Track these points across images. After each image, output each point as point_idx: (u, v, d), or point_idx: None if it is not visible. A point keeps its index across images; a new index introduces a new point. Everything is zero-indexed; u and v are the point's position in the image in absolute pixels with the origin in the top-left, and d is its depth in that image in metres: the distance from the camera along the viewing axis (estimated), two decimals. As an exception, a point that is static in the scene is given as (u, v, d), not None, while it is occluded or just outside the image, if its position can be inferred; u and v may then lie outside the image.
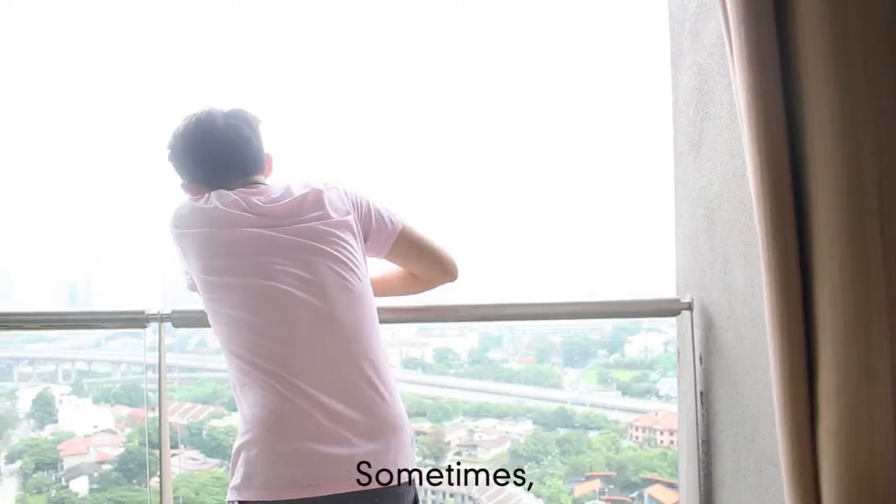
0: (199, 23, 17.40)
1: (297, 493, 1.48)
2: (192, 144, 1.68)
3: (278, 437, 1.51)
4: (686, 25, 2.21)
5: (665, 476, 8.52)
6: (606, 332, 10.21)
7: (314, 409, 1.52)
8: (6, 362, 9.37)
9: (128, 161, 15.08)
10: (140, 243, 12.60)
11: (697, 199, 2.17)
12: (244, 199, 1.62)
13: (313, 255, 1.60)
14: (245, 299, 1.58)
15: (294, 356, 1.55)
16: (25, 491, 8.13)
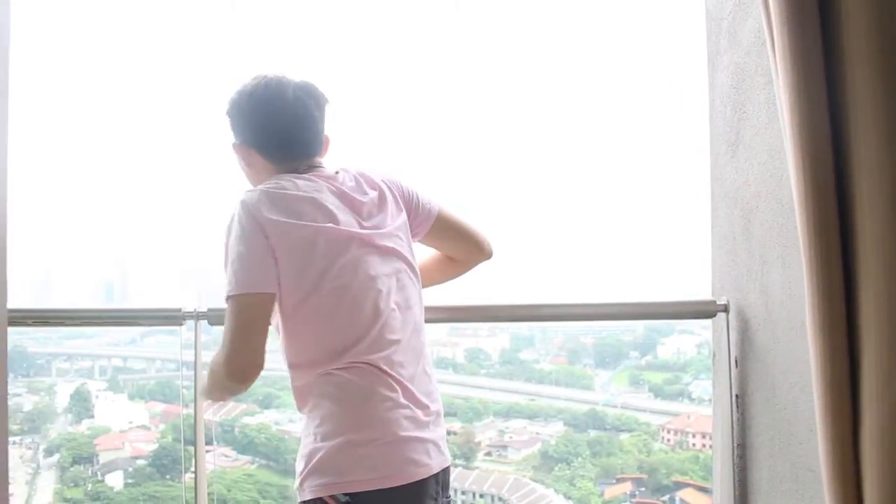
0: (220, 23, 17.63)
1: (402, 479, 1.53)
2: (258, 107, 1.66)
3: (382, 428, 1.55)
4: (723, 24, 2.18)
5: (697, 480, 8.43)
6: (639, 334, 10.13)
7: (409, 400, 1.59)
8: (45, 358, 9.54)
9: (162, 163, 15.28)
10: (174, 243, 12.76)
11: (734, 199, 2.15)
12: (337, 192, 1.63)
13: (392, 254, 1.65)
14: (345, 298, 1.58)
15: (391, 350, 1.59)
16: (63, 484, 8.27)
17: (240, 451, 8.38)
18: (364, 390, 1.55)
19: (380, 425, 1.54)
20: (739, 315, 2.12)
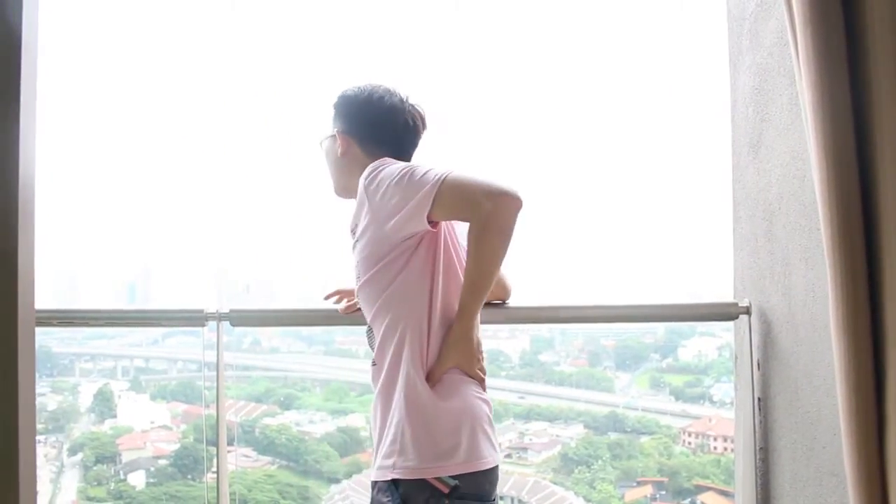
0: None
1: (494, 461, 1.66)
2: (377, 105, 1.79)
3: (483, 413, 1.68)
4: (745, 25, 2.17)
5: (718, 483, 8.36)
6: (659, 336, 10.06)
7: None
8: (69, 358, 9.64)
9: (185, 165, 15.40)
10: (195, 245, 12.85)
11: (756, 201, 2.14)
12: None
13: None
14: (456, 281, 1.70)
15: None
16: (86, 483, 8.35)
17: (260, 451, 8.42)
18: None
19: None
20: (762, 317, 2.11)
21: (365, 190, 1.63)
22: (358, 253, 1.68)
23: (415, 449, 1.58)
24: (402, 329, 1.63)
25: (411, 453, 1.58)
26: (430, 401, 1.61)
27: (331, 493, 7.83)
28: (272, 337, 9.05)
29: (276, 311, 2.31)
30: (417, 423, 1.60)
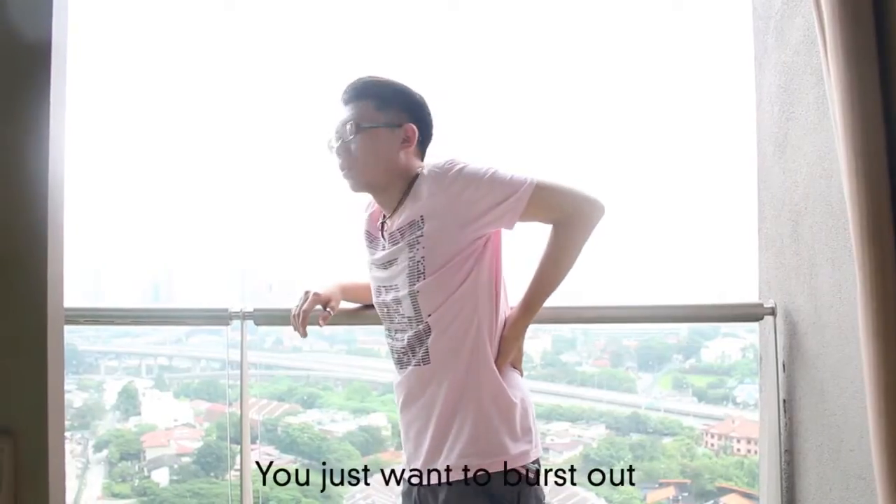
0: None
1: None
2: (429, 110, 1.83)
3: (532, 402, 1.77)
4: (771, 23, 2.15)
5: (742, 486, 8.29)
6: (682, 337, 9.99)
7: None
8: (94, 356, 9.75)
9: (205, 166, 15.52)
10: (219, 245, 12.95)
11: (782, 201, 2.12)
12: None
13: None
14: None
15: None
16: (111, 479, 8.45)
17: (282, 450, 8.46)
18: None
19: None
20: (787, 318, 2.09)
21: (446, 186, 1.64)
22: (419, 250, 1.66)
23: (500, 441, 1.64)
24: (475, 328, 1.67)
25: (498, 446, 1.64)
26: (507, 393, 1.68)
27: (352, 493, 7.85)
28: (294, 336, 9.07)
29: (300, 311, 2.32)
30: (501, 416, 1.66)
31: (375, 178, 1.74)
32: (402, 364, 1.76)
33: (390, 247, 1.72)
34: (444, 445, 1.68)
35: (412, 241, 1.66)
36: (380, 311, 1.82)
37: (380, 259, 1.76)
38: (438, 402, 1.68)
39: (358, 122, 1.72)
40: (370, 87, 1.75)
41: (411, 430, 1.75)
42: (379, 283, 1.79)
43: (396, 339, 1.76)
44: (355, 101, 1.75)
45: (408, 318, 1.71)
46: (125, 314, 2.31)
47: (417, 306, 1.68)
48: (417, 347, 1.70)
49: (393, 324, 1.77)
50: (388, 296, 1.75)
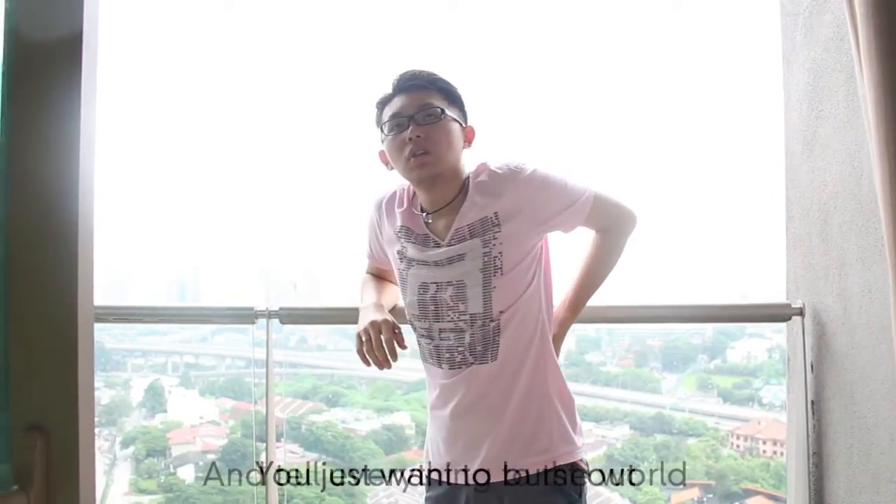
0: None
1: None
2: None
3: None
4: (799, 20, 2.13)
5: (767, 488, 8.20)
6: (707, 337, 9.90)
7: None
8: (121, 354, 9.86)
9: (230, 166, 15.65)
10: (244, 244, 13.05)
11: (810, 200, 2.09)
12: None
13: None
14: None
15: None
16: (138, 475, 8.54)
17: (306, 448, 8.50)
18: None
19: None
20: (815, 319, 2.07)
21: (523, 186, 1.67)
22: (496, 246, 1.66)
23: (569, 435, 1.72)
24: (541, 326, 1.71)
25: (569, 439, 1.72)
26: (568, 389, 1.76)
27: (376, 491, 7.87)
28: (319, 335, 9.13)
29: (325, 310, 2.33)
30: (566, 411, 1.73)
31: (448, 168, 1.71)
32: (455, 364, 1.71)
33: (455, 243, 1.70)
34: (515, 443, 1.68)
35: (487, 237, 1.66)
36: (419, 309, 1.75)
37: (437, 256, 1.71)
38: (508, 400, 1.68)
39: (443, 109, 1.71)
40: (439, 82, 1.74)
41: (469, 430, 1.71)
42: (427, 280, 1.73)
43: (444, 337, 1.71)
44: (426, 91, 1.72)
45: (470, 316, 1.68)
46: (154, 312, 2.34)
47: (489, 303, 1.67)
48: (482, 345, 1.68)
49: (440, 322, 1.71)
50: (443, 293, 1.70)
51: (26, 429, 0.90)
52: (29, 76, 0.94)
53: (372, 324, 1.71)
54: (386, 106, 1.75)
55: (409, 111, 1.69)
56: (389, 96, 1.75)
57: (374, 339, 1.69)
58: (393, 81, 1.75)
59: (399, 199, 1.82)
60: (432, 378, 1.77)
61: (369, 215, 1.89)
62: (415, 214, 1.78)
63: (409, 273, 1.76)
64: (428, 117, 1.68)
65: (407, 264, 1.76)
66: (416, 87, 1.72)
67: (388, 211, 1.83)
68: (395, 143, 1.70)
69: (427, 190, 1.72)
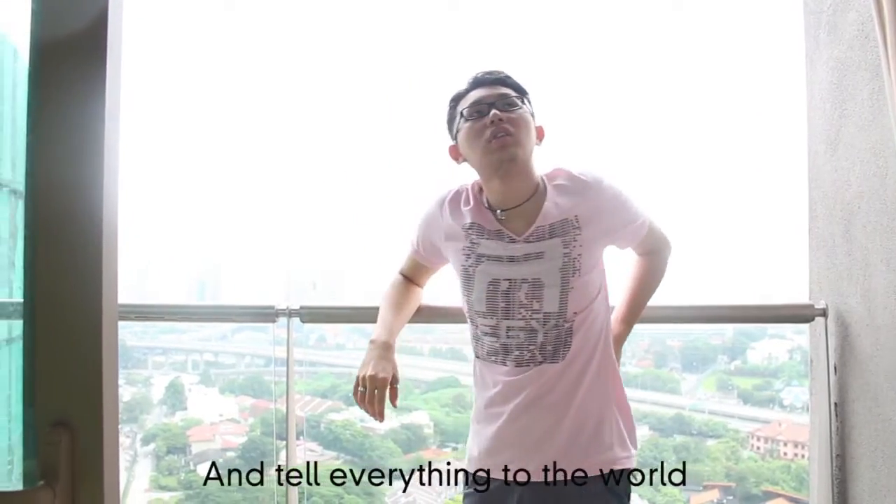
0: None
1: None
2: None
3: None
4: (822, 17, 2.11)
5: (788, 490, 8.13)
6: (728, 338, 9.83)
7: None
8: (142, 351, 9.95)
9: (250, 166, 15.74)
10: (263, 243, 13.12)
11: (834, 200, 2.07)
12: None
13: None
14: None
15: None
16: (158, 472, 8.62)
17: (325, 446, 8.54)
18: None
19: None
20: (839, 320, 2.05)
21: (600, 194, 1.73)
22: (576, 247, 1.69)
23: (626, 441, 1.74)
24: (606, 332, 1.76)
25: (626, 446, 1.74)
26: (626, 396, 1.80)
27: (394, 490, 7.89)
28: (338, 333, 9.17)
29: (345, 308, 2.34)
30: (623, 417, 1.76)
31: (525, 156, 1.72)
32: (523, 362, 1.70)
33: (533, 240, 1.70)
34: (575, 445, 1.69)
35: (568, 238, 1.69)
36: (486, 306, 1.73)
37: (513, 251, 1.71)
38: (571, 401, 1.69)
39: (522, 99, 1.75)
40: (513, 79, 1.77)
41: (530, 429, 1.71)
42: (498, 277, 1.71)
43: (513, 336, 1.71)
44: (504, 85, 1.75)
45: (544, 315, 1.68)
46: (176, 310, 2.36)
47: (565, 303, 1.68)
48: (554, 346, 1.69)
49: (510, 320, 1.70)
50: (517, 291, 1.69)
51: (52, 425, 0.91)
52: (54, 77, 0.95)
53: (371, 379, 1.73)
54: (461, 100, 1.77)
55: (489, 99, 1.71)
56: (465, 91, 1.77)
57: (369, 395, 1.72)
58: (468, 78, 1.78)
59: (465, 198, 1.81)
60: (491, 375, 1.76)
61: (428, 212, 1.87)
62: (484, 210, 1.77)
63: (478, 269, 1.74)
64: (508, 105, 1.70)
65: (475, 260, 1.74)
66: (494, 81, 1.75)
67: (453, 208, 1.82)
68: (474, 127, 1.71)
69: (503, 177, 1.71)
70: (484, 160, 1.70)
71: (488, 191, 1.76)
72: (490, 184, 1.74)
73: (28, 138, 0.96)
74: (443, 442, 8.55)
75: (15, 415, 1.09)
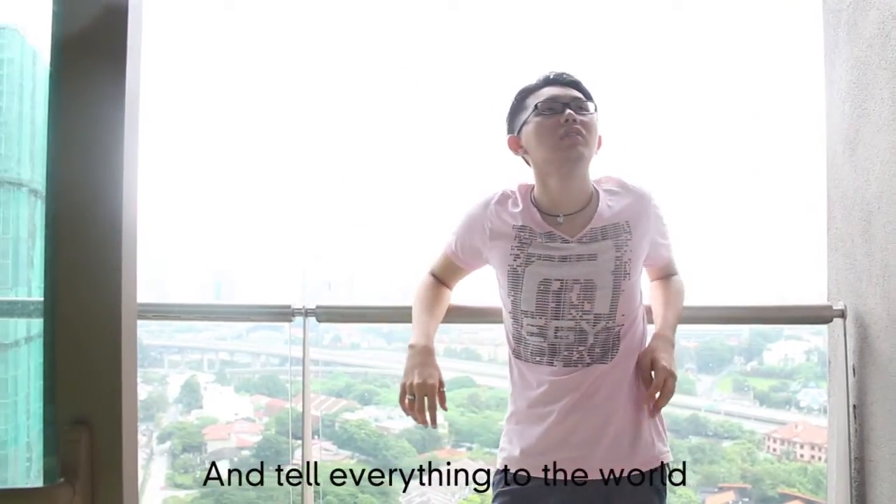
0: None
1: None
2: None
3: None
4: (842, 16, 2.09)
5: (805, 493, 8.07)
6: (744, 339, 9.77)
7: None
8: (158, 350, 10.02)
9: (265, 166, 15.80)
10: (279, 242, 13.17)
11: (853, 200, 2.06)
12: None
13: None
14: None
15: None
16: (174, 470, 8.67)
17: (340, 445, 8.56)
18: None
19: None
20: (857, 321, 2.03)
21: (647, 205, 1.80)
22: (627, 251, 1.73)
23: (663, 437, 1.78)
24: (645, 333, 1.81)
25: (664, 440, 1.77)
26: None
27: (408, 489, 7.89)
28: (352, 333, 9.20)
29: (362, 308, 2.34)
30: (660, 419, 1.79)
31: (588, 159, 1.76)
32: (571, 362, 1.71)
33: (586, 241, 1.73)
34: (622, 444, 1.71)
35: (620, 242, 1.73)
36: (535, 306, 1.73)
37: (566, 251, 1.72)
38: (618, 401, 1.72)
39: (595, 107, 1.78)
40: (584, 85, 1.80)
41: (577, 429, 1.71)
42: (549, 277, 1.72)
43: (562, 336, 1.71)
44: (577, 88, 1.78)
45: (595, 316, 1.70)
46: (194, 309, 2.37)
47: (616, 305, 1.71)
48: (602, 348, 1.71)
49: (560, 320, 1.71)
50: (569, 291, 1.70)
51: (72, 423, 0.92)
52: (74, 78, 0.96)
53: (420, 387, 1.73)
54: (531, 95, 1.78)
55: (565, 99, 1.73)
56: (537, 86, 1.79)
57: (419, 403, 1.73)
58: (540, 75, 1.80)
59: (513, 200, 1.82)
60: (535, 375, 1.75)
61: (472, 213, 1.86)
62: (535, 212, 1.78)
63: (527, 269, 1.74)
64: (581, 108, 1.73)
65: (525, 260, 1.74)
66: (568, 83, 1.77)
67: (500, 210, 1.82)
68: (546, 123, 1.72)
69: (564, 177, 1.74)
70: (551, 156, 1.73)
71: (543, 190, 1.78)
72: (548, 182, 1.76)
73: (49, 138, 0.96)
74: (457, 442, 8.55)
75: (33, 412, 1.11)
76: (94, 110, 0.96)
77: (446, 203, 12.97)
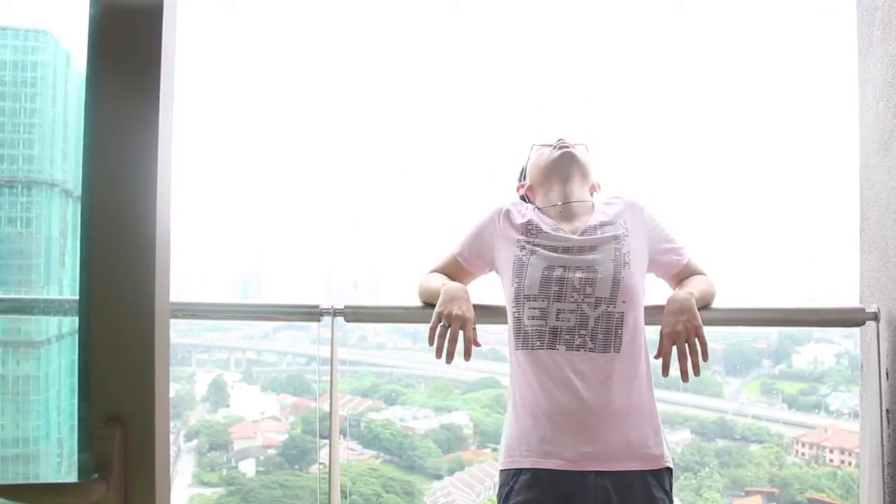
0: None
1: None
2: None
3: None
4: (877, 14, 2.06)
5: (835, 498, 7.98)
6: (772, 341, 9.68)
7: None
8: (186, 349, 10.12)
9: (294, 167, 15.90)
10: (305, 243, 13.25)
11: (887, 201, 2.02)
12: None
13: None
14: None
15: None
16: (200, 468, 8.76)
17: (365, 445, 8.60)
18: None
19: None
20: (891, 324, 2.00)
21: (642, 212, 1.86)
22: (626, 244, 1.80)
23: (665, 442, 1.74)
24: (646, 341, 1.78)
25: (666, 446, 1.73)
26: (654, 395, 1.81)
27: (433, 489, 7.91)
28: (379, 333, 9.23)
29: (389, 308, 2.33)
30: (657, 418, 1.76)
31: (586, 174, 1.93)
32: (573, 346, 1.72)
33: (589, 235, 1.83)
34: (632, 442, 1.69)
35: (619, 235, 1.81)
36: (539, 289, 1.77)
37: (569, 242, 1.80)
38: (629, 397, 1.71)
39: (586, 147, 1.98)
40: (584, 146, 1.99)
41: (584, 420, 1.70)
42: (555, 263, 1.78)
43: (563, 318, 1.74)
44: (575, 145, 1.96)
45: (596, 299, 1.75)
46: (222, 309, 2.38)
47: (616, 290, 1.75)
48: (604, 334, 1.74)
49: (561, 302, 1.74)
50: (572, 274, 1.76)
51: (106, 420, 0.93)
52: (110, 80, 0.97)
53: (457, 318, 1.74)
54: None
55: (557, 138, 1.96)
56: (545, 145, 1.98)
57: (453, 333, 1.72)
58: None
59: (521, 211, 1.93)
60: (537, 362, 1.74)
61: (486, 217, 1.94)
62: (540, 212, 1.90)
63: (532, 257, 1.81)
64: (575, 144, 1.92)
65: (531, 249, 1.82)
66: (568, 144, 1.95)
67: (511, 216, 1.91)
68: (541, 150, 1.94)
69: (564, 178, 1.89)
70: (546, 166, 1.89)
71: (548, 202, 1.91)
72: (551, 191, 1.91)
73: (84, 140, 0.98)
74: (482, 442, 8.55)
75: (64, 409, 1.12)
76: (130, 112, 0.97)
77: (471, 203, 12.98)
